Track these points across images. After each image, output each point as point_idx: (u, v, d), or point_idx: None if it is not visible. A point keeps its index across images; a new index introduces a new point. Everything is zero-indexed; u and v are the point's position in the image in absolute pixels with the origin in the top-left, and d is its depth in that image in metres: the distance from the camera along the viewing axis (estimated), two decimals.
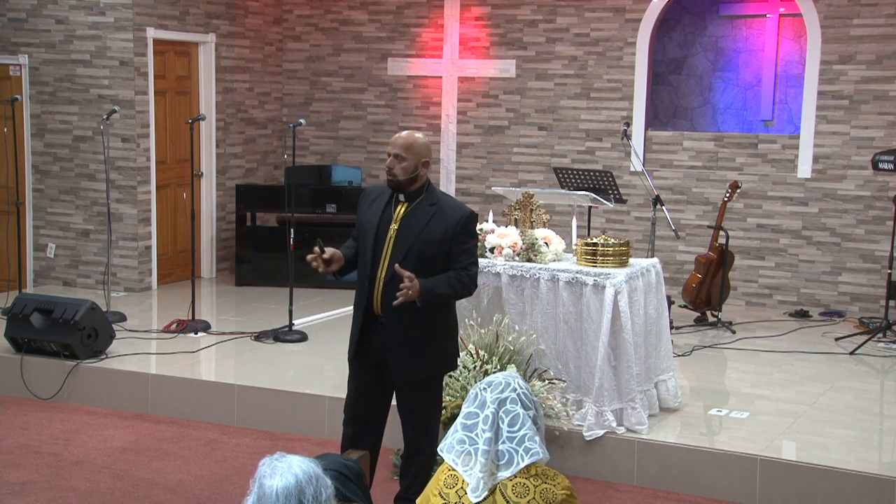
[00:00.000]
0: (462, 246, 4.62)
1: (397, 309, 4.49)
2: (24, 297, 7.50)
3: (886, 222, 8.58)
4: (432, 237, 4.57)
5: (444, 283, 4.55)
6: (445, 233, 4.57)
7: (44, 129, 9.66)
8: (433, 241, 4.57)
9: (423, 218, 4.60)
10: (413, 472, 4.83)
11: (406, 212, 4.63)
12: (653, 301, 6.05)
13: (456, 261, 4.60)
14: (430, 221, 4.58)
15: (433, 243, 4.57)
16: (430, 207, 4.62)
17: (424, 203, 4.63)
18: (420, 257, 4.54)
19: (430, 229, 4.58)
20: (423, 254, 4.55)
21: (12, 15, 9.62)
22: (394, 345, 4.61)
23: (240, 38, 10.46)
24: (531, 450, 3.01)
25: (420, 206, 4.63)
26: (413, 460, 4.83)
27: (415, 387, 4.70)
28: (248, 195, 10.03)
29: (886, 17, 8.72)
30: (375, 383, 4.76)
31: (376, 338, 4.66)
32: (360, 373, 4.79)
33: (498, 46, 10.10)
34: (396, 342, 4.61)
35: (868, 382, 7.04)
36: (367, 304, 4.65)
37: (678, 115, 10.02)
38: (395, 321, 4.59)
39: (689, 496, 5.51)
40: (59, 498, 5.40)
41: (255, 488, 2.52)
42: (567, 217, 7.44)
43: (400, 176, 4.61)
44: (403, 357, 4.62)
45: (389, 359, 4.64)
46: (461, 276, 4.60)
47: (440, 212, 4.61)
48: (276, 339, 7.75)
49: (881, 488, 5.16)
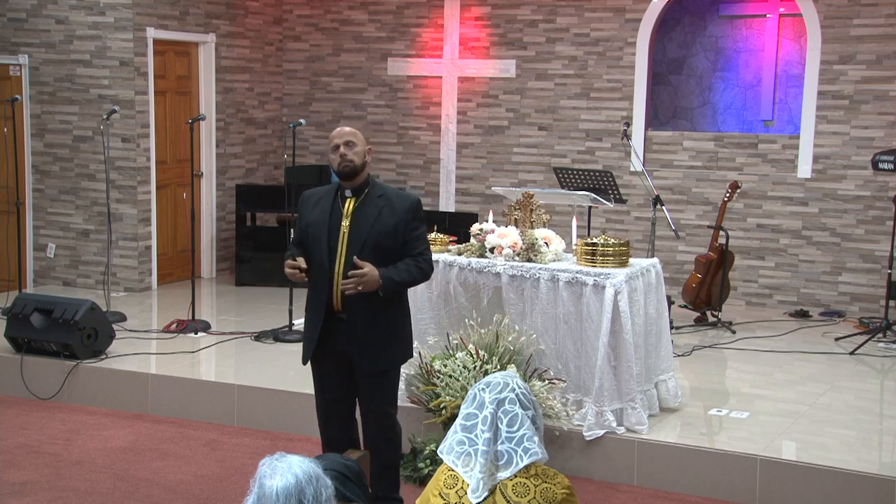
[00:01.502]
0: (414, 233, 4.72)
1: (358, 303, 4.59)
2: (24, 297, 7.50)
3: (886, 222, 8.58)
4: (386, 228, 4.66)
5: (403, 270, 4.65)
6: (398, 223, 4.67)
7: (44, 129, 9.66)
8: (387, 232, 4.66)
9: (373, 210, 4.68)
10: (379, 469, 4.80)
11: (355, 206, 4.71)
12: (653, 301, 6.05)
13: (411, 248, 4.70)
14: (380, 213, 4.67)
15: (387, 234, 4.66)
16: (379, 199, 4.71)
17: (372, 196, 4.72)
18: (376, 249, 4.63)
19: (382, 220, 4.66)
20: (378, 245, 4.64)
21: (12, 15, 9.62)
22: (357, 338, 4.67)
23: (240, 38, 10.47)
24: (530, 450, 3.01)
25: (368, 199, 4.71)
26: (378, 455, 4.79)
27: (376, 379, 4.76)
28: (248, 195, 10.03)
29: (886, 17, 8.72)
30: (339, 381, 4.81)
31: (336, 334, 4.71)
32: (322, 372, 4.85)
33: (498, 46, 10.10)
34: (359, 335, 4.67)
35: (868, 382, 7.04)
36: (326, 302, 4.69)
37: (678, 115, 10.02)
38: (356, 315, 4.65)
39: (689, 496, 5.51)
40: (59, 498, 5.40)
41: (255, 488, 2.52)
42: (567, 217, 7.44)
43: (356, 160, 4.69)
44: (367, 349, 4.68)
45: (353, 353, 4.69)
46: (419, 261, 4.71)
47: (389, 202, 4.70)
48: (276, 339, 7.75)
49: (881, 488, 5.16)
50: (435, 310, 6.14)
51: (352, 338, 4.68)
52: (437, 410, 5.65)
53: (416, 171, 10.58)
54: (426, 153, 10.52)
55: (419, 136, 10.54)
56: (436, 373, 5.71)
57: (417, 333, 6.08)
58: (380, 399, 4.82)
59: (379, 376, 4.78)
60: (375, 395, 4.80)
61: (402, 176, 10.59)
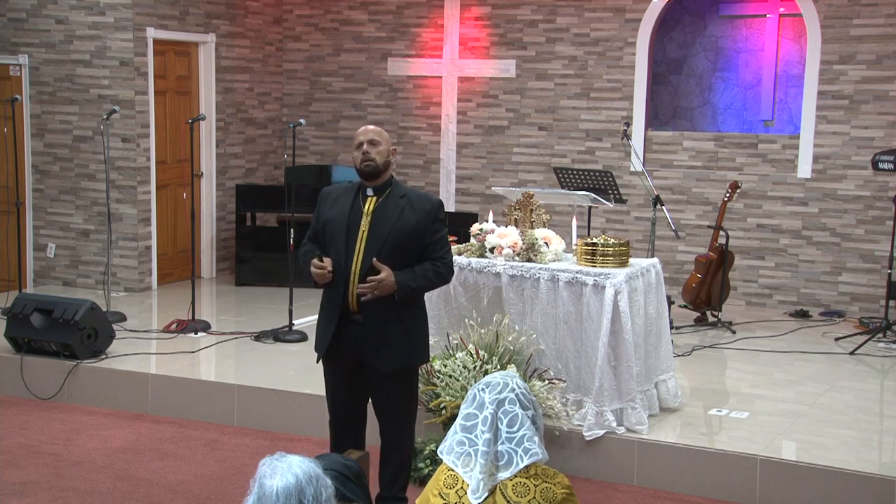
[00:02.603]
0: (435, 235, 4.66)
1: (374, 304, 4.53)
2: (24, 297, 7.50)
3: (886, 222, 8.58)
4: (406, 229, 4.60)
5: (420, 275, 4.60)
6: (419, 223, 4.61)
7: (44, 129, 9.66)
8: (407, 233, 4.60)
9: (394, 210, 4.62)
10: (392, 471, 4.79)
11: (376, 205, 4.65)
12: (653, 301, 6.05)
13: (431, 251, 4.65)
14: (402, 213, 4.61)
15: (407, 235, 4.60)
16: (400, 200, 4.65)
17: (394, 196, 4.67)
18: (396, 249, 4.57)
19: (404, 220, 4.60)
20: (398, 245, 4.58)
21: (12, 15, 9.62)
22: (371, 340, 4.60)
23: (240, 38, 10.47)
24: (530, 450, 3.01)
25: (390, 199, 4.66)
26: (391, 458, 4.78)
27: (391, 381, 4.68)
28: (248, 195, 10.03)
29: (886, 17, 8.72)
30: (350, 381, 4.75)
31: (350, 335, 4.65)
32: (334, 371, 4.79)
33: (498, 46, 10.10)
34: (374, 337, 4.60)
35: (868, 382, 7.04)
36: (342, 301, 4.63)
37: (678, 115, 10.02)
38: (372, 316, 4.59)
39: (689, 496, 5.51)
40: (59, 498, 5.40)
41: (256, 488, 2.52)
42: (567, 217, 7.44)
43: (378, 160, 4.64)
44: (380, 350, 4.61)
45: (367, 353, 4.63)
46: (437, 266, 4.65)
47: (410, 203, 4.65)
48: (276, 339, 7.75)
49: (881, 488, 5.16)
50: (435, 310, 6.13)
51: (365, 339, 4.62)
52: (437, 410, 5.65)
53: (416, 171, 10.57)
54: (426, 153, 10.52)
55: (419, 136, 10.54)
56: (436, 373, 5.71)
57: None
58: (398, 404, 4.74)
59: (395, 379, 4.69)
60: (393, 399, 4.72)
61: (402, 176, 10.59)
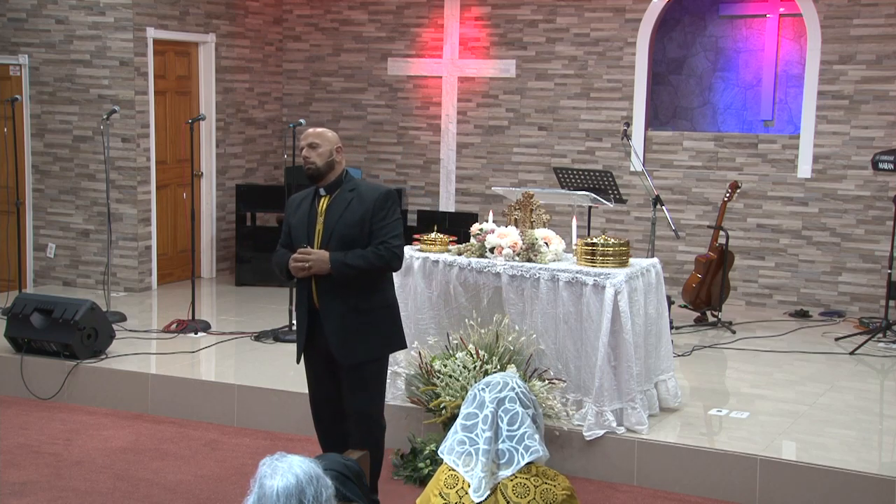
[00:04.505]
0: (381, 222, 4.75)
1: (331, 297, 4.70)
2: (24, 297, 7.50)
3: (886, 222, 8.58)
4: (352, 219, 4.73)
5: (358, 255, 4.70)
6: (365, 213, 4.74)
7: (44, 129, 9.66)
8: (353, 223, 4.72)
9: (342, 204, 4.77)
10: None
11: (328, 203, 4.80)
12: (653, 301, 6.05)
13: (375, 236, 4.74)
14: (349, 205, 4.75)
15: (353, 225, 4.72)
16: (349, 193, 4.79)
17: (344, 191, 4.81)
18: (342, 239, 4.70)
19: (351, 211, 4.74)
20: (343, 236, 4.70)
21: (12, 15, 9.62)
22: (332, 331, 4.73)
23: (240, 38, 10.47)
24: (531, 448, 3.01)
25: (340, 195, 4.80)
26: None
27: (356, 374, 4.79)
28: (248, 195, 10.03)
29: (886, 17, 8.72)
30: (327, 376, 4.88)
31: (318, 331, 4.79)
32: (312, 368, 4.95)
33: (498, 46, 10.10)
34: (334, 329, 4.73)
35: (868, 382, 7.04)
36: (308, 300, 4.80)
37: (678, 115, 10.02)
38: (330, 308, 4.73)
39: (689, 496, 5.51)
40: (59, 498, 5.40)
41: (256, 488, 2.52)
42: (567, 217, 7.44)
43: (318, 162, 4.76)
44: (342, 342, 4.73)
45: (330, 346, 4.75)
46: (378, 248, 4.73)
47: (358, 195, 4.78)
48: (276, 339, 7.75)
49: (881, 488, 5.16)
50: (435, 310, 6.14)
51: (327, 331, 4.75)
52: (437, 410, 5.65)
53: (416, 171, 10.58)
54: (426, 153, 10.52)
55: (419, 136, 10.54)
56: (436, 373, 5.72)
57: (417, 333, 6.09)
58: (360, 398, 4.82)
59: (358, 372, 4.78)
60: (356, 393, 4.82)
61: (402, 176, 10.59)
